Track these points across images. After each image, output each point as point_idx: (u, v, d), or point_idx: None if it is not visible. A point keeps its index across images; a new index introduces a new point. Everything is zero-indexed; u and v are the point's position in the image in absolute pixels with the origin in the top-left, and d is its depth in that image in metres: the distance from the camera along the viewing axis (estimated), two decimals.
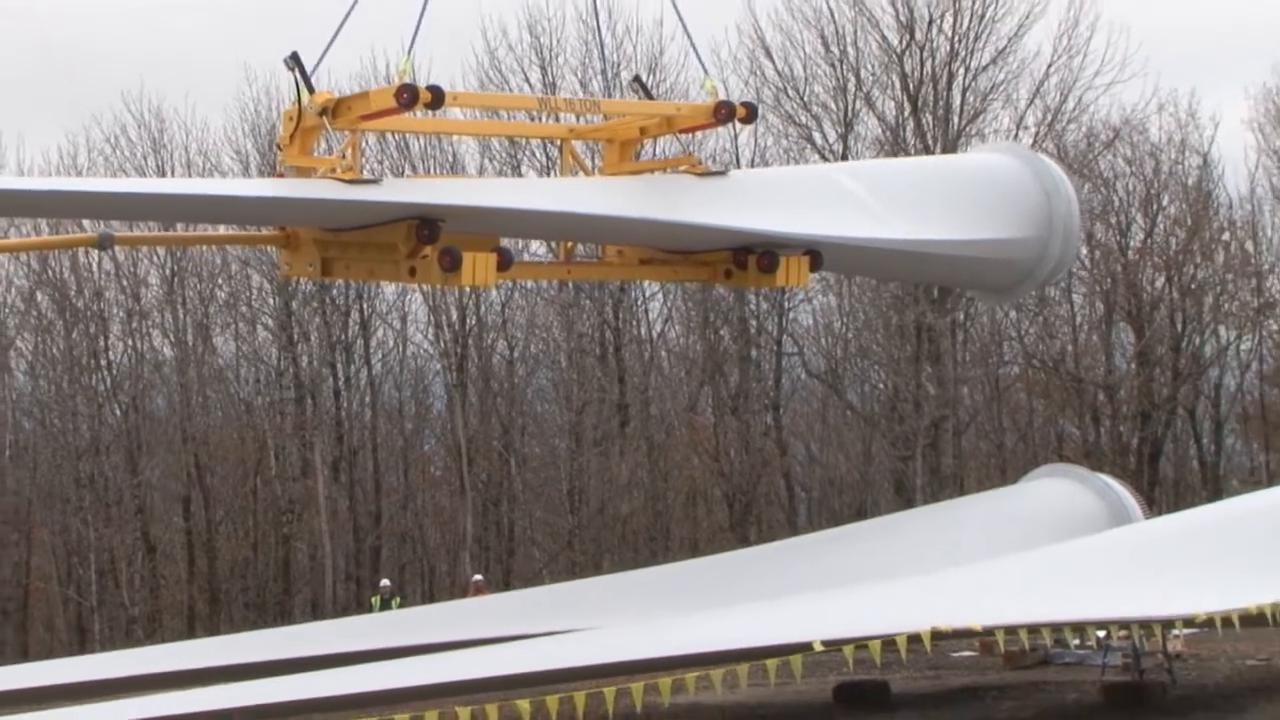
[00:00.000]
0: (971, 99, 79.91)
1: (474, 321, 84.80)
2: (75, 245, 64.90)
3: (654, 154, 47.44)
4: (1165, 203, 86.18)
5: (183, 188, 58.51)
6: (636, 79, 54.23)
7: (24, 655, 71.48)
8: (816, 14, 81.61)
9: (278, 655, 46.48)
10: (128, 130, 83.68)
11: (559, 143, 49.51)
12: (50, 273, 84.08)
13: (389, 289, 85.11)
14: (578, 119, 48.20)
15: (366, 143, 43.88)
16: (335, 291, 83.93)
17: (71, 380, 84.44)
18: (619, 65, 72.81)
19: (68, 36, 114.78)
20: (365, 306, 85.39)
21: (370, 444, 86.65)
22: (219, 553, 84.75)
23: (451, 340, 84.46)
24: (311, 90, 40.84)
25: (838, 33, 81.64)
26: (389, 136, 74.35)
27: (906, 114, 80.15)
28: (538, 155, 75.95)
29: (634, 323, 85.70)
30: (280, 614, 76.05)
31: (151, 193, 50.00)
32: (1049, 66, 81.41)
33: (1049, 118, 79.38)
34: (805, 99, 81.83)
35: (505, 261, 43.44)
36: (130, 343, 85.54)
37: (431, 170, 77.04)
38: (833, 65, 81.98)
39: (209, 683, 41.43)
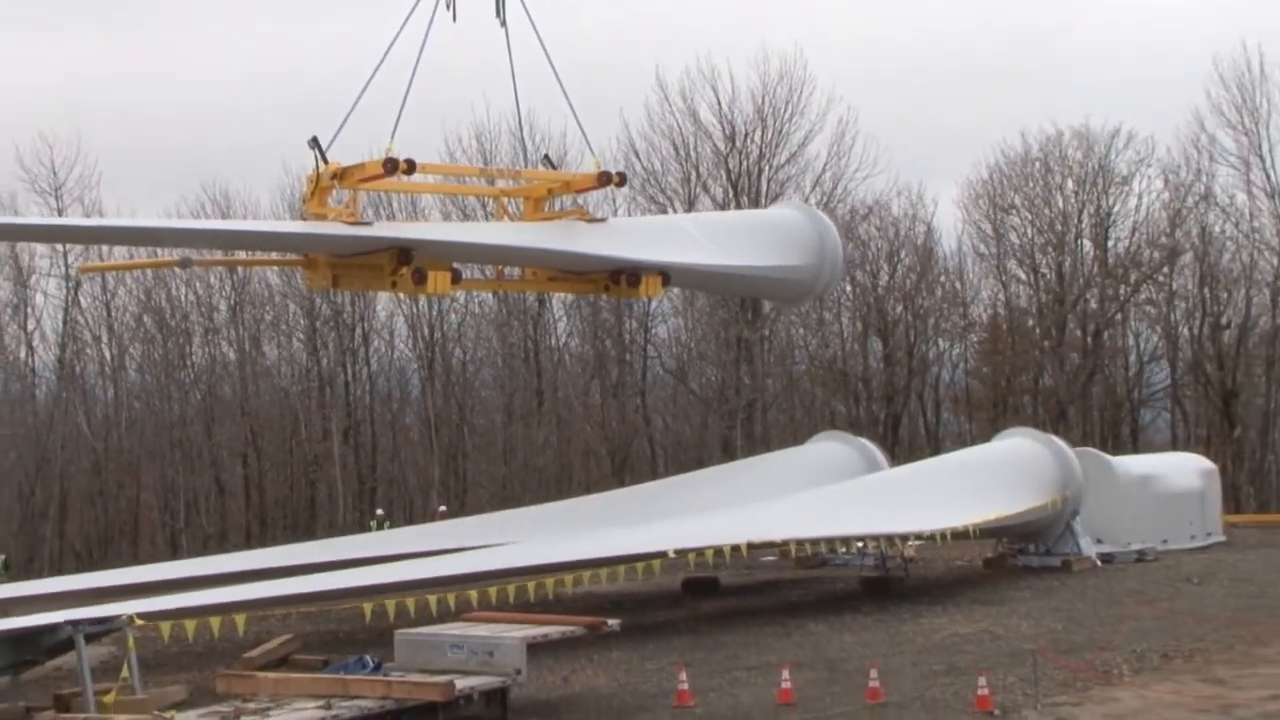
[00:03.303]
0: (774, 186, 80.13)
1: (439, 335, 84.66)
2: (164, 266, 64.31)
3: (557, 207, 47.68)
4: (902, 256, 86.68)
5: (245, 226, 58.94)
6: (545, 157, 54.56)
7: (135, 560, 70.88)
8: (669, 128, 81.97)
9: (307, 560, 46.47)
10: (204, 206, 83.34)
11: (492, 200, 50.14)
12: (153, 301, 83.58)
13: (381, 312, 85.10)
14: (508, 183, 48.90)
15: (364, 199, 44.17)
16: (345, 314, 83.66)
17: (166, 375, 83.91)
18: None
19: (167, 139, 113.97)
20: (365, 325, 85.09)
21: (369, 418, 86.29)
22: (267, 491, 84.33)
23: (424, 347, 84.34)
24: (326, 161, 41.39)
25: (684, 141, 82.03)
26: (380, 198, 73.81)
27: (730, 196, 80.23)
28: (478, 213, 75.55)
29: (547, 335, 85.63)
30: (308, 533, 75.57)
31: (225, 229, 50.35)
32: (825, 165, 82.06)
33: (825, 199, 79.63)
34: (662, 186, 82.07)
35: (457, 277, 44.36)
36: (206, 350, 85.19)
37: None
38: (680, 163, 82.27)
39: (265, 579, 41.27)
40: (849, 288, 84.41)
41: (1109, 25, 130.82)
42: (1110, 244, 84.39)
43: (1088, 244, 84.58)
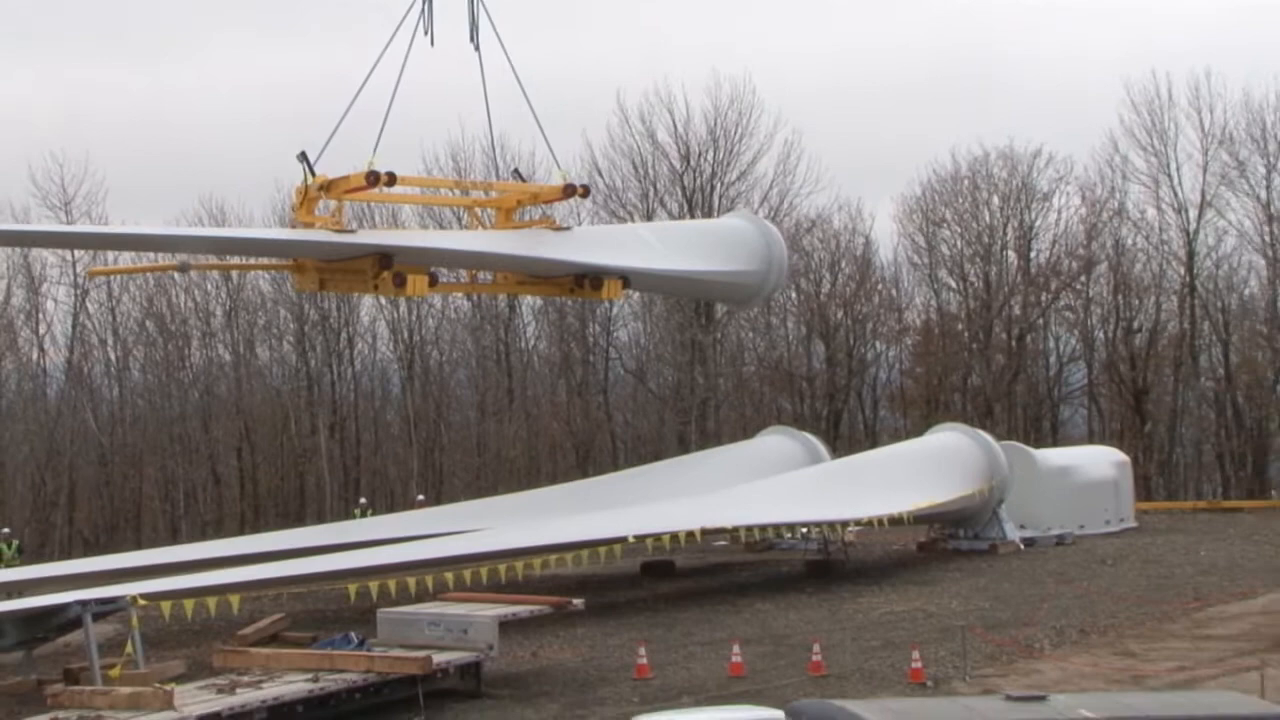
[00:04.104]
0: (725, 202, 79.96)
1: (418, 338, 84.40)
2: (163, 270, 63.79)
3: (526, 217, 47.68)
4: (843, 266, 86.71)
5: (240, 233, 58.67)
6: (515, 171, 54.43)
7: (138, 545, 70.53)
8: (629, 149, 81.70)
9: (297, 545, 46.37)
10: (202, 218, 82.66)
11: (466, 210, 50.18)
12: (154, 307, 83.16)
13: (365, 317, 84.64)
14: (481, 194, 48.96)
15: (349, 209, 44.18)
16: (331, 319, 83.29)
17: (167, 375, 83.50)
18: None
19: (167, 155, 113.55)
20: (350, 329, 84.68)
21: (353, 415, 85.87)
22: (260, 482, 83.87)
23: (404, 349, 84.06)
24: (314, 174, 41.40)
25: (642, 160, 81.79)
26: (363, 208, 73.37)
27: (685, 211, 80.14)
28: (453, 222, 75.17)
29: (517, 339, 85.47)
30: (297, 520, 75.17)
31: (222, 236, 50.17)
32: (772, 182, 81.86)
33: (772, 214, 79.45)
34: (622, 202, 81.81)
35: (434, 281, 44.43)
36: (204, 352, 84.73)
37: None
38: (639, 181, 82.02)
39: (257, 563, 41.20)
40: (794, 295, 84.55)
41: (1030, 54, 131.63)
42: (1032, 255, 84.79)
43: (1012, 255, 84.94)
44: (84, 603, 32.55)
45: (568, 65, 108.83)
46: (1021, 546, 53.90)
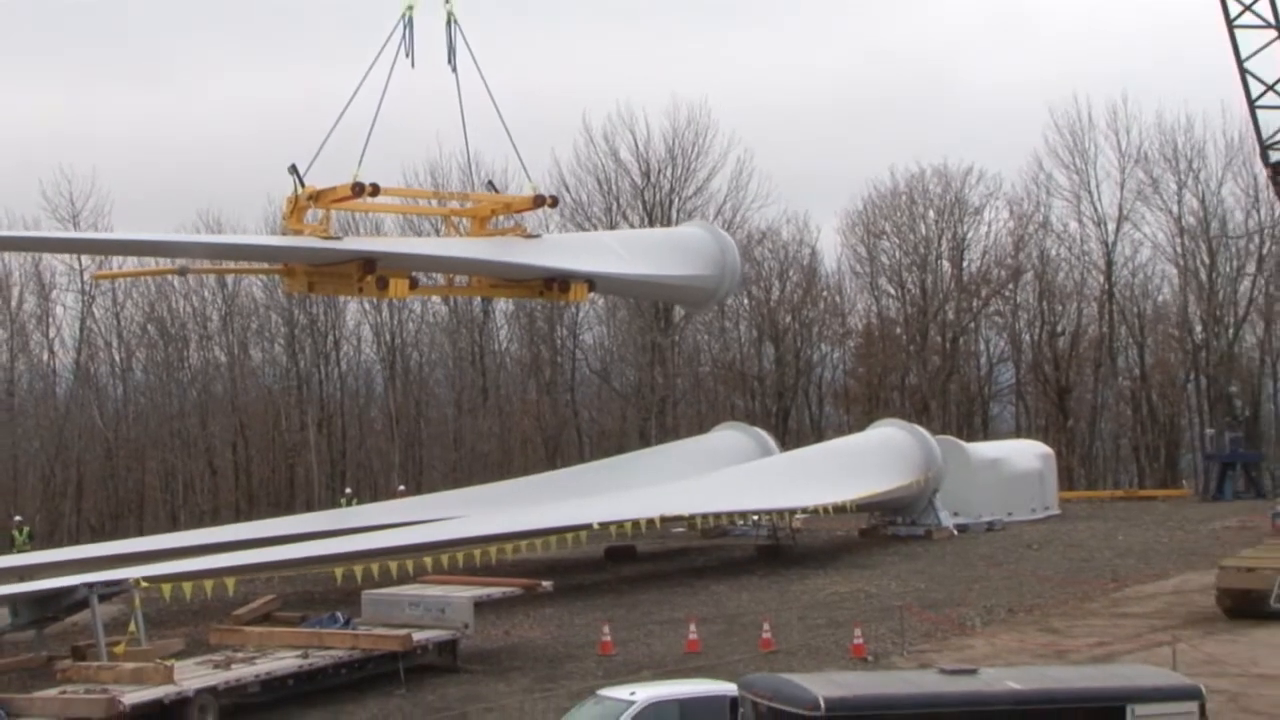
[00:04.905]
0: (683, 215, 79.85)
1: (400, 340, 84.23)
2: (165, 274, 63.42)
3: (499, 225, 47.66)
4: (791, 274, 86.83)
5: (236, 239, 58.63)
6: (489, 182, 54.43)
7: (141, 532, 70.22)
8: (594, 166, 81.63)
9: (287, 532, 46.24)
10: (200, 229, 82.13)
11: (444, 218, 50.20)
12: (156, 312, 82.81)
13: (350, 320, 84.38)
14: (457, 204, 48.97)
15: (335, 217, 44.12)
16: (319, 323, 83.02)
17: (168, 375, 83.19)
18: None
19: (165, 170, 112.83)
20: (336, 332, 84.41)
21: (340, 412, 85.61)
22: (253, 474, 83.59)
23: (387, 351, 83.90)
24: (303, 185, 41.42)
25: (606, 177, 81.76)
26: (348, 217, 72.87)
27: (646, 224, 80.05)
28: (431, 230, 74.80)
29: (491, 341, 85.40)
30: (288, 509, 74.77)
31: (219, 242, 50.12)
32: (725, 196, 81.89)
33: (726, 226, 79.16)
34: (587, 215, 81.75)
35: (414, 284, 44.49)
36: (201, 353, 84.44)
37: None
38: (603, 195, 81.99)
39: (251, 548, 41.11)
40: (746, 301, 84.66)
41: (964, 79, 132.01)
42: (965, 264, 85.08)
43: (946, 264, 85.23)
44: (90, 585, 32.51)
45: (537, 87, 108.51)
46: (955, 532, 54.07)
